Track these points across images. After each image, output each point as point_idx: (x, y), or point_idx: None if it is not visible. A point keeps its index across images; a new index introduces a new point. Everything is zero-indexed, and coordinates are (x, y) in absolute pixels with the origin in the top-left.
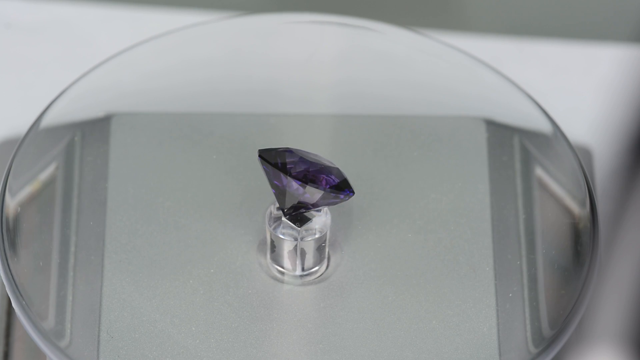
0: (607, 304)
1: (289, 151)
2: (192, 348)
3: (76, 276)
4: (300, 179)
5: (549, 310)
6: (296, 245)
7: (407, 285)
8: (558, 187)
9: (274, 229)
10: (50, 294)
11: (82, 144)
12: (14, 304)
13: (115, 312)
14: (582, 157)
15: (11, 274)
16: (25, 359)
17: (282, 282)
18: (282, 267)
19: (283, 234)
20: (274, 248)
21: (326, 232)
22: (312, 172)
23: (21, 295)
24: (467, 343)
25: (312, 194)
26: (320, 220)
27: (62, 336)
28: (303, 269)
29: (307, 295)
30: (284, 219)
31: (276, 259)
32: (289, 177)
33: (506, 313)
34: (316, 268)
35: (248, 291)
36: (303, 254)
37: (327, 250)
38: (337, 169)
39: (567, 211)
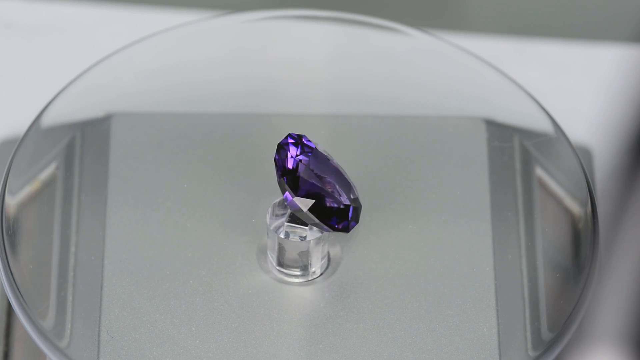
0: (607, 304)
1: (308, 156)
2: (192, 348)
3: (76, 276)
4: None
5: (549, 310)
6: (277, 238)
7: (407, 285)
8: (558, 187)
9: (270, 218)
10: (50, 294)
11: (82, 144)
12: (13, 304)
13: (115, 312)
14: (582, 157)
15: (11, 274)
16: (25, 359)
17: (282, 282)
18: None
19: (272, 223)
20: (267, 235)
21: (309, 243)
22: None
23: (21, 295)
24: (467, 343)
25: (308, 221)
26: (311, 231)
27: (62, 336)
28: (279, 263)
29: (307, 295)
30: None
31: (269, 246)
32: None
33: (506, 313)
34: (297, 272)
35: (248, 291)
36: (282, 249)
37: (309, 261)
38: (352, 202)
39: (567, 211)
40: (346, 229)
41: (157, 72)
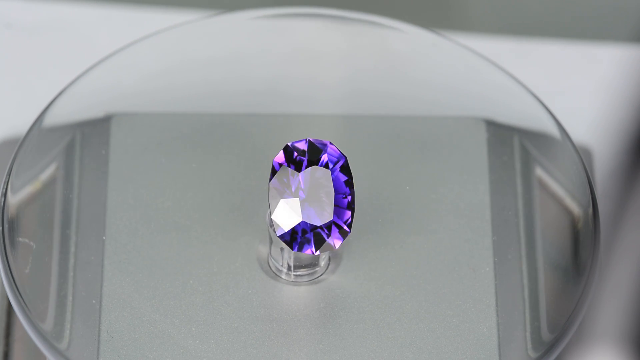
0: (608, 304)
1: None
2: (192, 348)
3: (76, 276)
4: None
5: (549, 310)
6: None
7: (407, 285)
8: (558, 187)
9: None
10: (50, 294)
11: (82, 144)
12: (13, 304)
13: (115, 312)
14: (582, 157)
15: (11, 274)
16: (25, 359)
17: (282, 282)
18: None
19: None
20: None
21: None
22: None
23: (21, 296)
24: (467, 343)
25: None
26: None
27: (62, 336)
28: (270, 252)
29: (307, 295)
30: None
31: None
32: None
33: (506, 313)
34: (278, 265)
35: (248, 291)
36: (271, 239)
37: (287, 258)
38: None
39: (567, 211)
40: (290, 247)
41: (157, 72)
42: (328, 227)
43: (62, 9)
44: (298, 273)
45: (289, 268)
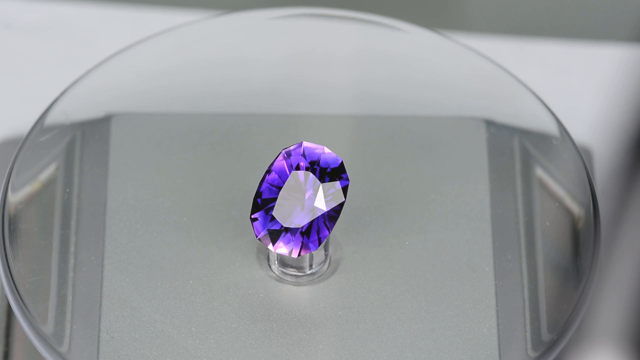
0: (608, 304)
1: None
2: (192, 348)
3: (76, 276)
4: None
5: (549, 310)
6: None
7: (407, 285)
8: (558, 187)
9: None
10: (50, 295)
11: (82, 144)
12: (13, 305)
13: (115, 312)
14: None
15: (11, 274)
16: (25, 359)
17: (282, 282)
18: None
19: None
20: None
21: None
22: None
23: (20, 296)
24: (467, 343)
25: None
26: None
27: (62, 337)
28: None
29: (307, 295)
30: None
31: None
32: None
33: (506, 313)
34: (273, 259)
35: (248, 291)
36: None
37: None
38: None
39: (567, 211)
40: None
41: (157, 72)
42: (301, 233)
43: (62, 9)
44: (281, 269)
45: (274, 262)
